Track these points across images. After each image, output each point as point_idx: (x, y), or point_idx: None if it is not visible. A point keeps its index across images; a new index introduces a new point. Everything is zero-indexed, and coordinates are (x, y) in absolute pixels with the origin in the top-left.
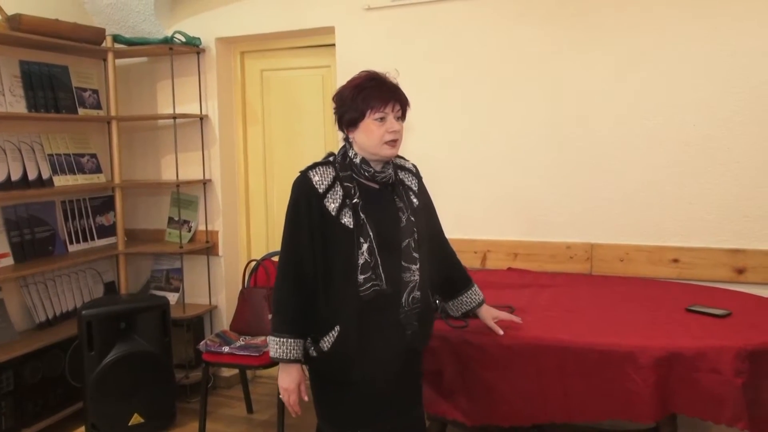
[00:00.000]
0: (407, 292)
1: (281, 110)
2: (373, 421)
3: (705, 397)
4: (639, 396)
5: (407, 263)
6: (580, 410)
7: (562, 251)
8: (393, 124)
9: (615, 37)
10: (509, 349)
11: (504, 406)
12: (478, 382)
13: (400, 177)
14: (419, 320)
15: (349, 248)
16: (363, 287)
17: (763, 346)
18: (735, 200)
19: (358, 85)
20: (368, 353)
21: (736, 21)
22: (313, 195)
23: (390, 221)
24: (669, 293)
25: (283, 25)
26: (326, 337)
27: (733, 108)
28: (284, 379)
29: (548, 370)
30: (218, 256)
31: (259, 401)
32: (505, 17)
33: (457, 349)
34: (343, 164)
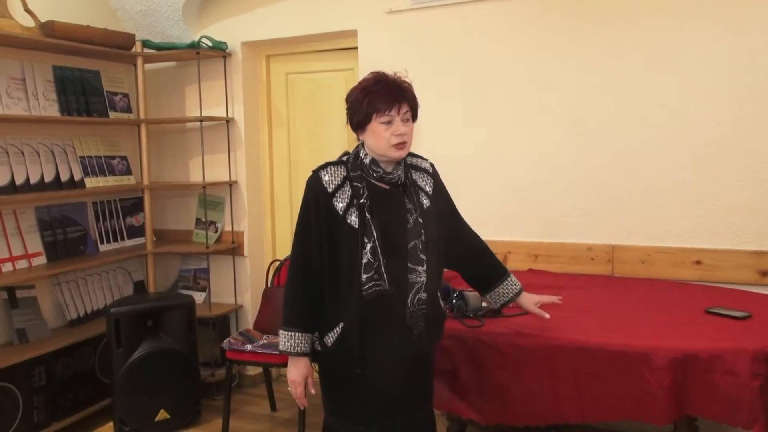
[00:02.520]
0: (413, 293)
1: (306, 112)
2: (378, 418)
3: (721, 399)
4: (653, 397)
5: (413, 264)
6: (594, 411)
7: (583, 253)
8: (399, 126)
9: (637, 37)
10: (523, 349)
11: (518, 406)
12: (492, 382)
13: (414, 178)
14: (426, 321)
15: (354, 248)
16: (365, 286)
17: None
18: (759, 201)
19: (364, 88)
20: (372, 352)
21: (757, 20)
22: (321, 194)
23: (397, 222)
24: (689, 295)
25: (306, 29)
26: (330, 333)
27: (755, 108)
28: (292, 371)
29: (562, 371)
30: (244, 256)
31: (283, 399)
32: (525, 19)
33: (472, 349)
34: (354, 164)
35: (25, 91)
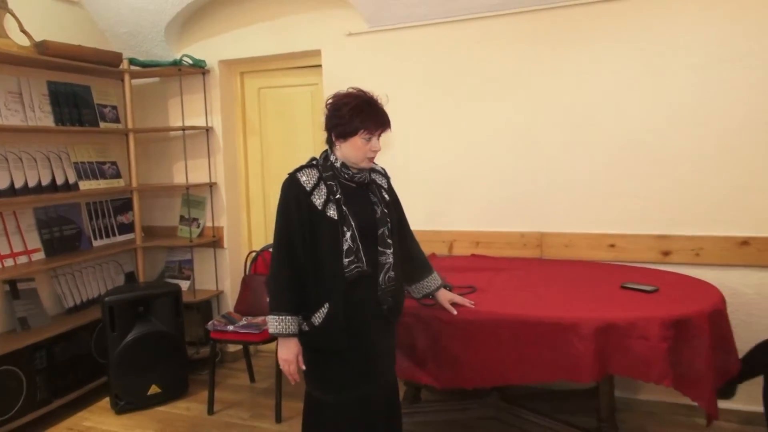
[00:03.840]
0: (383, 273)
1: (276, 122)
2: (356, 384)
3: (636, 359)
4: (582, 360)
5: (383, 248)
6: (533, 373)
7: (516, 239)
8: (376, 144)
9: (567, 53)
10: (473, 323)
11: (468, 372)
12: (447, 352)
13: (373, 177)
14: (393, 297)
15: (334, 236)
16: (347, 269)
17: (684, 316)
18: (660, 193)
19: (356, 107)
20: (352, 326)
21: (668, 34)
22: (301, 192)
23: (367, 213)
24: (606, 273)
25: (277, 48)
26: (317, 313)
27: (661, 113)
28: (284, 351)
29: (506, 340)
30: (223, 248)
31: (260, 372)
32: (469, 41)
33: (428, 324)
34: (325, 166)
35: (22, 104)
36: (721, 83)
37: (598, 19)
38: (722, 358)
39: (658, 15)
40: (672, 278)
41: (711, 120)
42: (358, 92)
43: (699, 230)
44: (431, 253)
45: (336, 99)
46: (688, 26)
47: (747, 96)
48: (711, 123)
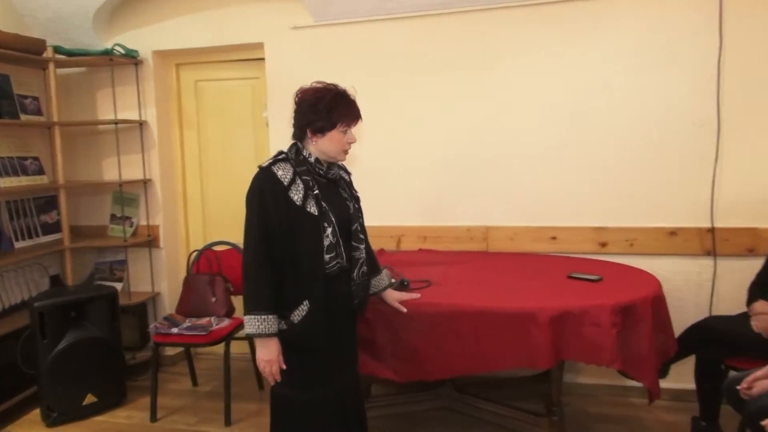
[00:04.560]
0: (357, 267)
1: (215, 117)
2: (329, 380)
3: (589, 345)
4: (538, 348)
5: (356, 243)
6: (492, 362)
7: (463, 233)
8: (351, 136)
9: (509, 53)
10: (432, 316)
11: (430, 364)
12: (407, 346)
13: (341, 174)
14: (363, 291)
15: (314, 232)
16: (329, 265)
17: (630, 303)
18: (596, 188)
19: (332, 101)
20: (328, 322)
21: (603, 39)
22: (278, 187)
23: (342, 209)
24: (551, 264)
25: (215, 40)
26: (296, 311)
27: (596, 113)
28: (265, 352)
29: (466, 332)
30: (159, 248)
31: (202, 375)
32: (413, 37)
33: (389, 318)
34: (298, 161)
35: None
36: (649, 85)
37: (538, 22)
38: (662, 341)
39: (593, 21)
40: (612, 267)
41: (640, 120)
42: (330, 86)
43: (632, 222)
44: (380, 248)
45: (309, 95)
46: (620, 33)
47: (670, 97)
48: (640, 123)
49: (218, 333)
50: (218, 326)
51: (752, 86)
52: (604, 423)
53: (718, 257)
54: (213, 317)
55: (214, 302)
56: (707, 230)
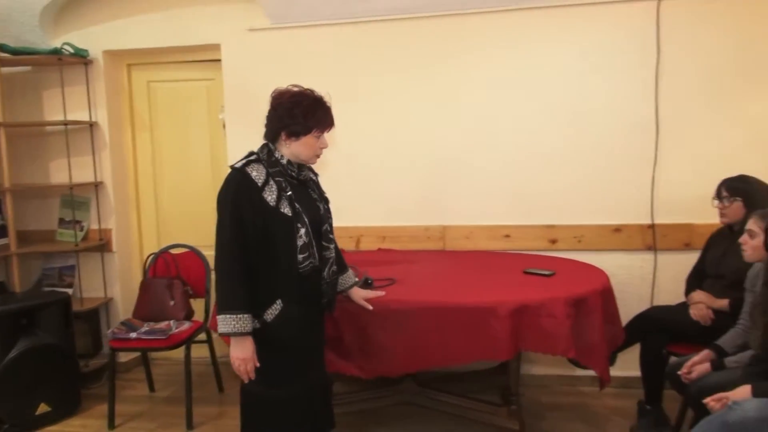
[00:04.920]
0: (328, 267)
1: (169, 118)
2: (303, 375)
3: (545, 336)
4: (499, 340)
5: (327, 243)
6: (456, 355)
7: (421, 233)
8: (325, 141)
9: (465, 58)
10: (397, 312)
11: (395, 360)
12: (373, 343)
13: (310, 176)
14: (332, 289)
15: (289, 233)
16: (302, 264)
17: (582, 295)
18: (546, 188)
19: (309, 106)
20: (300, 320)
21: (547, 49)
22: (252, 188)
23: (313, 210)
24: (507, 261)
25: (170, 41)
26: (270, 310)
27: (546, 117)
28: (239, 350)
29: (430, 327)
30: (112, 252)
31: (159, 381)
32: (371, 42)
33: (355, 316)
34: (270, 162)
35: None
36: (594, 92)
37: (493, 29)
38: (611, 331)
39: (544, 31)
40: (563, 263)
41: (586, 124)
42: (307, 91)
43: (580, 220)
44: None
45: (286, 98)
46: (568, 42)
47: (613, 103)
48: (586, 127)
49: (178, 336)
50: (178, 330)
51: (686, 92)
52: (558, 411)
53: (658, 251)
54: (172, 321)
55: (172, 306)
56: (648, 226)
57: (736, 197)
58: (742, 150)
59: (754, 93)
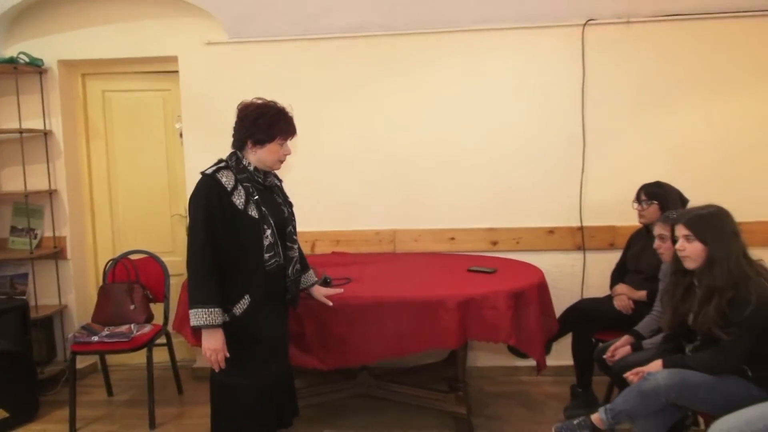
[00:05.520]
0: (292, 265)
1: (124, 127)
2: (269, 367)
3: (489, 325)
4: (449, 330)
5: (290, 243)
6: (410, 346)
7: (372, 236)
8: (288, 148)
9: (412, 73)
10: (356, 308)
11: (354, 352)
12: (333, 336)
13: (275, 181)
14: (296, 286)
15: (256, 233)
16: (268, 262)
17: (521, 288)
18: (490, 195)
19: (274, 117)
20: (267, 314)
21: (487, 67)
22: (223, 192)
23: (278, 213)
24: (453, 261)
25: (126, 52)
26: (238, 304)
27: (487, 133)
28: (211, 341)
29: (387, 320)
30: (66, 259)
31: (116, 386)
32: (326, 57)
33: (317, 312)
34: (239, 168)
35: None
36: (529, 108)
37: (442, 48)
38: (547, 321)
39: (484, 51)
40: (503, 262)
41: (523, 137)
42: (270, 103)
43: (518, 223)
44: None
45: (251, 110)
46: (505, 61)
47: (546, 118)
48: (523, 139)
49: (140, 339)
50: (140, 333)
51: (609, 108)
52: (500, 398)
53: (586, 251)
54: (133, 324)
55: (132, 310)
56: (577, 229)
57: (653, 201)
58: (656, 159)
59: (667, 109)
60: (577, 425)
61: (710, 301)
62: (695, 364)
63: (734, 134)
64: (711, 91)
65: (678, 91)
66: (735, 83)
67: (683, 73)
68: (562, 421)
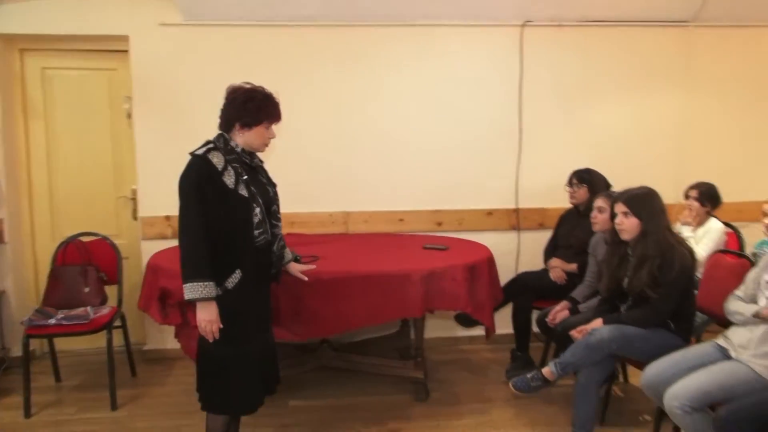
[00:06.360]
0: (277, 242)
1: (66, 107)
2: (257, 336)
3: (449, 295)
4: (413, 300)
5: (275, 221)
6: (378, 316)
7: (326, 218)
8: (273, 132)
9: (362, 63)
10: (329, 282)
11: (325, 323)
12: (306, 309)
13: (260, 163)
14: (279, 261)
15: (246, 211)
16: (258, 239)
17: (475, 262)
18: (435, 179)
19: (261, 101)
20: (255, 288)
21: (434, 61)
22: (214, 172)
23: (264, 192)
24: (405, 239)
25: (71, 28)
26: (230, 278)
27: (434, 122)
28: (206, 313)
29: (356, 293)
30: (4, 243)
31: (64, 371)
32: (282, 44)
33: (291, 287)
34: (227, 150)
35: None
36: (472, 100)
37: (390, 40)
38: (494, 291)
39: (431, 45)
40: (451, 240)
41: (466, 127)
42: (258, 88)
43: (461, 206)
44: None
45: (240, 93)
46: (450, 57)
47: (487, 110)
48: (466, 129)
49: (99, 321)
50: (98, 315)
51: (542, 102)
52: (446, 365)
53: (521, 231)
54: (89, 307)
55: (87, 292)
56: (513, 211)
57: (583, 184)
58: (584, 149)
59: (593, 104)
60: (531, 378)
61: (643, 267)
62: (630, 320)
63: (646, 128)
64: (627, 90)
65: (600, 89)
66: (646, 83)
67: (604, 72)
68: (506, 382)
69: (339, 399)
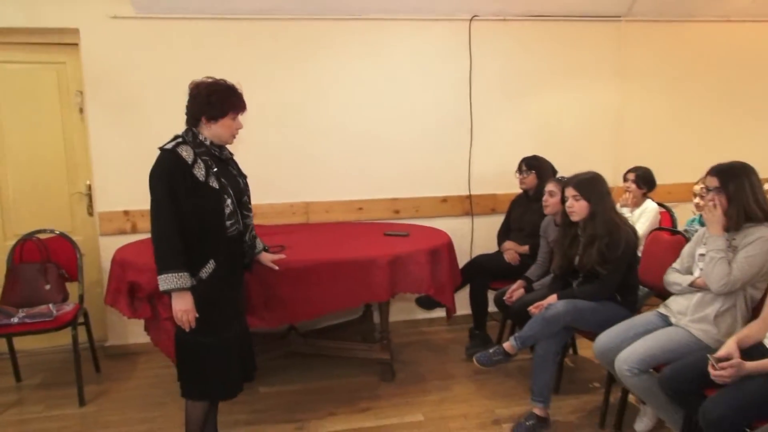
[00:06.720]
0: (249, 232)
1: (11, 102)
2: (232, 325)
3: (414, 279)
4: (380, 285)
5: (246, 212)
6: (347, 301)
7: (286, 209)
8: (239, 122)
9: (322, 56)
10: (298, 270)
11: (296, 309)
12: (276, 296)
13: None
14: (251, 250)
15: (217, 202)
16: (230, 229)
17: (436, 247)
18: (392, 168)
19: (225, 93)
20: (229, 277)
21: (389, 54)
22: (184, 165)
23: (234, 183)
24: (366, 227)
25: (15, 20)
26: (204, 269)
27: (390, 113)
28: (182, 303)
29: (325, 279)
30: None
31: (22, 371)
32: (237, 37)
33: (261, 276)
34: (196, 143)
35: None
36: (425, 91)
37: (346, 33)
38: (454, 274)
39: (386, 38)
40: (410, 227)
41: (421, 117)
42: (221, 81)
43: (417, 193)
44: None
45: (203, 88)
46: (403, 49)
47: (439, 100)
48: (421, 119)
49: (64, 318)
50: (61, 312)
51: (491, 93)
52: (408, 347)
53: (474, 216)
54: (51, 304)
55: (48, 290)
56: (466, 197)
57: (532, 170)
58: (530, 137)
59: (537, 94)
60: (492, 353)
61: (592, 246)
62: (582, 294)
63: (585, 116)
64: (567, 80)
65: (543, 80)
66: (585, 74)
67: (547, 64)
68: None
69: (309, 383)
